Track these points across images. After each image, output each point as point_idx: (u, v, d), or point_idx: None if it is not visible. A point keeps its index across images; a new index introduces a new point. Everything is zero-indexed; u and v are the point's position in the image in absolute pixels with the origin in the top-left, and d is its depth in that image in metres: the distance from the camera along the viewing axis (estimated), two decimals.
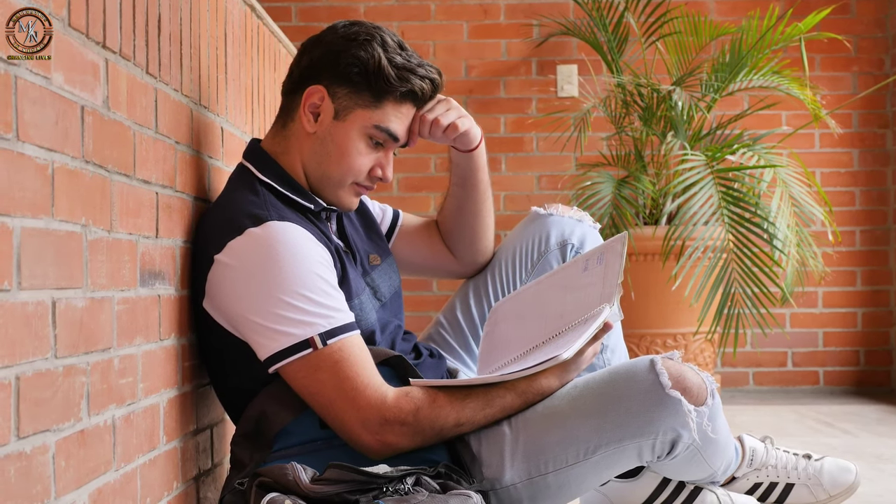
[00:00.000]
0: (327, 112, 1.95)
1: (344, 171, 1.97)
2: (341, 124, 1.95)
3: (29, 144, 1.24)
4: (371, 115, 1.95)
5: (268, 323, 1.80)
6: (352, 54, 1.93)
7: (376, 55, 1.92)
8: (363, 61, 1.93)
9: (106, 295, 1.48)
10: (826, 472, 2.24)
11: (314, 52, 1.98)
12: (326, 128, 1.96)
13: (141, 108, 1.64)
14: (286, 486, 1.68)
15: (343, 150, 1.96)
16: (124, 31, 1.56)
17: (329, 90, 1.95)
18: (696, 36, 4.45)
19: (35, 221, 1.25)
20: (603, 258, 1.96)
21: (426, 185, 4.97)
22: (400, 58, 1.95)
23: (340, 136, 1.95)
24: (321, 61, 1.96)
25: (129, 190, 1.58)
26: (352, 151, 1.96)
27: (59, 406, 1.31)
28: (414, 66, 1.96)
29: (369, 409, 1.80)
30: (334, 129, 1.95)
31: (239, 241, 1.83)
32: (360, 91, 1.94)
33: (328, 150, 1.96)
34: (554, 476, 1.86)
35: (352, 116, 1.95)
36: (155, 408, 1.70)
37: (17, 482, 1.20)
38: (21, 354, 1.21)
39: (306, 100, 1.95)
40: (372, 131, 1.95)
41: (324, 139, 1.96)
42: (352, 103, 1.95)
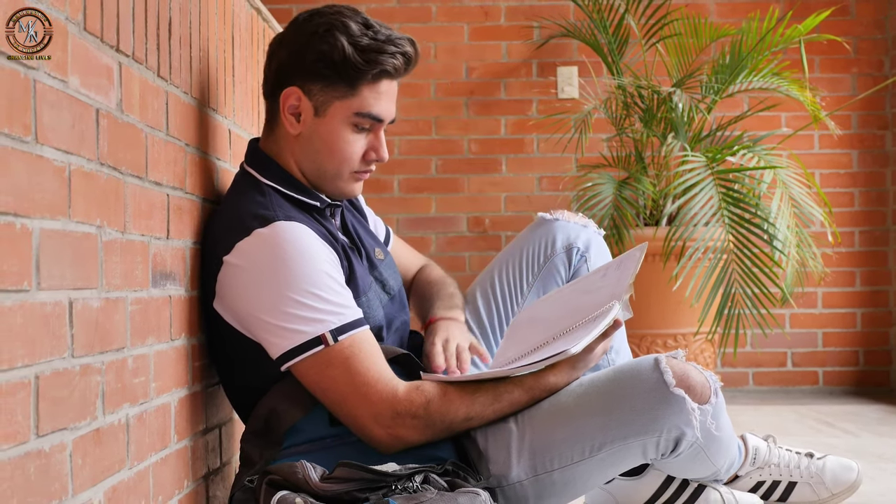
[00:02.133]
0: (307, 111, 1.95)
1: (338, 163, 1.97)
2: (323, 120, 1.95)
3: (47, 147, 1.26)
4: (350, 105, 1.94)
5: (279, 322, 1.82)
6: (316, 50, 1.92)
7: (339, 45, 1.90)
8: (328, 54, 1.91)
9: (120, 295, 1.50)
10: (828, 470, 2.26)
11: (280, 53, 1.98)
12: (310, 126, 1.96)
13: (153, 111, 1.66)
14: (296, 484, 1.70)
15: (332, 145, 1.96)
16: (137, 34, 1.58)
17: (303, 89, 1.94)
18: (696, 38, 4.47)
19: (53, 223, 1.27)
20: (622, 265, 2.00)
21: (427, 186, 4.99)
22: (366, 38, 1.92)
23: (325, 132, 1.95)
24: (288, 62, 1.95)
25: (141, 192, 1.60)
26: (340, 143, 1.96)
27: (76, 405, 1.33)
28: (381, 44, 1.92)
29: (381, 404, 1.82)
30: (318, 125, 1.96)
31: (247, 242, 1.85)
32: (333, 84, 1.93)
33: (317, 148, 1.97)
34: (560, 473, 1.88)
35: (331, 110, 1.94)
36: (167, 407, 1.72)
37: (36, 479, 1.22)
38: (40, 354, 1.23)
39: (284, 103, 1.96)
40: (355, 119, 1.95)
41: (310, 137, 1.97)
42: (328, 97, 1.94)
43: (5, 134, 1.15)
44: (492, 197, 4.99)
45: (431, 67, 5.00)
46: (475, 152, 4.99)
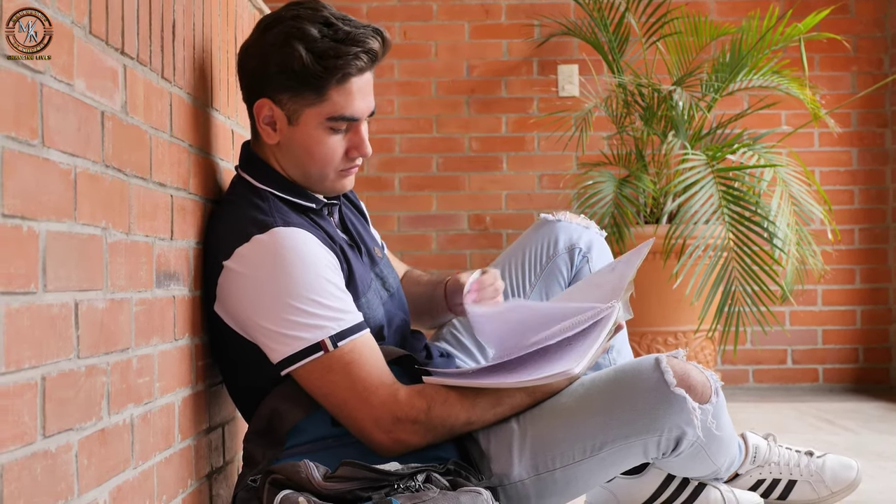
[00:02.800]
0: (281, 120, 1.94)
1: (320, 166, 1.96)
2: (297, 127, 1.93)
3: (54, 150, 1.27)
4: (321, 110, 1.91)
5: (279, 328, 1.83)
6: (276, 63, 1.89)
7: (297, 55, 1.86)
8: (287, 65, 1.88)
9: (125, 296, 1.51)
10: (828, 468, 2.27)
11: (247, 65, 1.96)
12: (286, 135, 1.95)
13: (157, 112, 1.67)
14: (299, 483, 1.71)
15: (311, 150, 1.95)
16: (141, 36, 1.59)
17: (273, 100, 1.92)
18: (696, 36, 4.48)
19: (59, 225, 1.28)
20: (630, 261, 2.01)
21: (428, 184, 5.00)
22: (327, 41, 1.87)
23: (302, 138, 1.94)
24: (254, 75, 1.94)
25: (145, 193, 1.61)
26: (319, 148, 1.94)
27: (81, 405, 1.35)
28: (341, 45, 1.87)
29: (382, 408, 1.83)
30: (293, 133, 1.94)
31: (246, 248, 1.86)
32: (300, 92, 1.90)
33: (297, 154, 1.96)
34: (561, 472, 1.89)
35: (304, 118, 1.92)
36: (170, 407, 1.73)
37: (43, 480, 1.23)
38: (46, 355, 1.24)
39: (258, 114, 1.95)
40: (329, 123, 1.92)
41: (289, 145, 1.96)
42: (298, 106, 1.91)
43: (13, 138, 1.16)
44: (492, 195, 5.00)
45: (432, 65, 5.01)
46: (476, 150, 5.00)
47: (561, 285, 2.30)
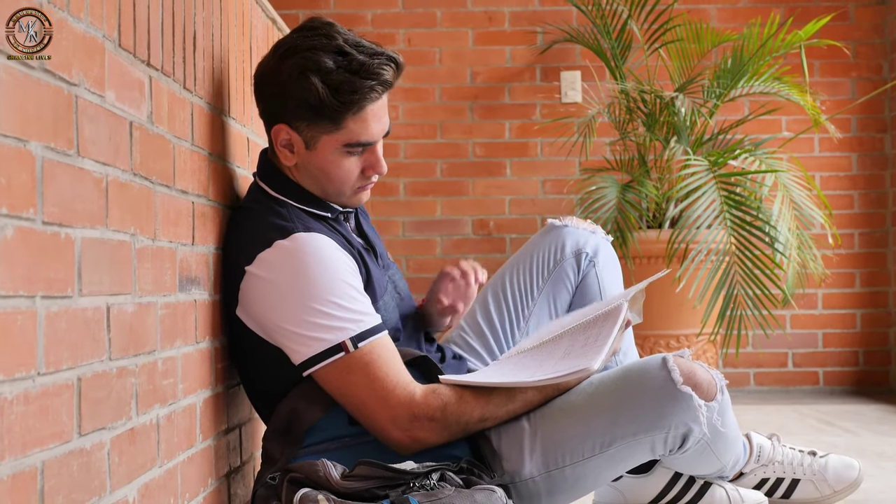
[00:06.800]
0: (298, 144, 1.99)
1: (337, 185, 2.02)
2: (315, 152, 1.99)
3: (87, 160, 1.32)
4: (338, 138, 1.97)
5: (301, 330, 1.88)
6: (293, 96, 1.94)
7: (313, 89, 1.91)
8: (305, 99, 1.93)
9: (151, 300, 1.56)
10: (831, 468, 2.32)
11: (264, 91, 2.01)
12: (304, 157, 2.00)
13: (179, 122, 1.72)
14: (317, 481, 1.76)
15: (327, 172, 2.00)
16: (165, 48, 1.64)
17: (291, 126, 1.97)
18: (698, 43, 4.53)
19: (93, 231, 1.33)
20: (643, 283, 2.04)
21: (432, 189, 5.05)
22: (342, 73, 1.92)
23: (319, 161, 2.00)
24: (272, 103, 1.99)
25: (169, 200, 1.66)
26: (336, 170, 2.00)
27: (113, 405, 1.40)
28: (357, 78, 1.92)
29: (399, 407, 1.88)
30: (311, 157, 2.00)
31: (269, 254, 1.91)
32: (317, 121, 1.95)
33: (315, 174, 2.02)
34: (571, 469, 1.94)
35: (321, 144, 1.98)
36: (192, 407, 1.78)
37: (79, 476, 1.28)
38: (82, 357, 1.29)
39: (275, 138, 2.00)
40: (346, 149, 1.98)
41: (306, 166, 2.01)
42: (315, 133, 1.97)
43: (52, 148, 1.21)
44: (496, 200, 5.04)
45: (436, 72, 5.06)
46: (480, 156, 5.05)
47: (568, 290, 2.35)
